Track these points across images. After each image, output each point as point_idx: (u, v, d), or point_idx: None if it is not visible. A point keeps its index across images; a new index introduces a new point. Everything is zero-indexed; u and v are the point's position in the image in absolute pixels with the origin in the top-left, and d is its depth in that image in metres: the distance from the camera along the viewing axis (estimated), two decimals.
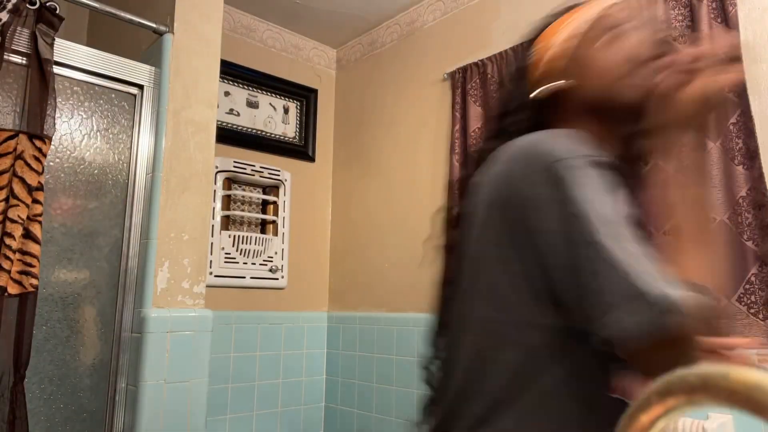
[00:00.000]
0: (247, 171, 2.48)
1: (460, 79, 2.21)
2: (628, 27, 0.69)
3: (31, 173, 1.36)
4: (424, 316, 2.45)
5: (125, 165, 1.63)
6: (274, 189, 2.62)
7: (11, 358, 1.31)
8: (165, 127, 1.64)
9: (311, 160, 2.80)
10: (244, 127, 2.58)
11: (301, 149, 2.76)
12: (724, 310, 0.56)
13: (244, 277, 2.44)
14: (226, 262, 2.38)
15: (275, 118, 2.70)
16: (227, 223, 2.45)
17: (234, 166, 2.44)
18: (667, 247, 0.59)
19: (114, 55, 1.62)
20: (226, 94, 2.53)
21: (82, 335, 1.51)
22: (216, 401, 2.27)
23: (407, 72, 2.56)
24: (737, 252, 1.41)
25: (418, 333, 2.27)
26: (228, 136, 2.45)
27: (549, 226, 0.58)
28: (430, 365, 0.80)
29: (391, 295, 2.43)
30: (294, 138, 2.76)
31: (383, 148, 2.62)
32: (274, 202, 2.59)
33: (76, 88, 1.56)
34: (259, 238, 2.48)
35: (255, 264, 2.48)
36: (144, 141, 1.65)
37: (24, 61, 1.43)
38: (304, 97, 2.81)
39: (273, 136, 2.67)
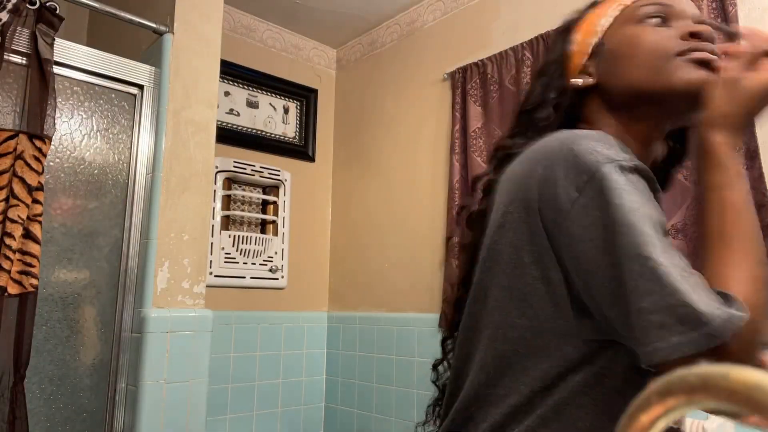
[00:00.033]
0: (247, 171, 2.48)
1: (460, 79, 2.21)
2: (663, 15, 0.66)
3: (31, 173, 1.36)
4: (424, 316, 2.45)
5: (125, 165, 1.63)
6: (274, 189, 2.62)
7: (11, 358, 1.31)
8: (165, 127, 1.64)
9: (311, 160, 2.80)
10: (244, 127, 2.58)
11: (301, 149, 2.76)
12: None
13: (244, 277, 2.44)
14: (226, 262, 2.38)
15: (275, 118, 2.70)
16: (227, 223, 2.45)
17: (234, 166, 2.44)
18: (709, 256, 0.55)
19: (114, 55, 1.62)
20: (226, 94, 2.53)
21: (82, 335, 1.51)
22: (216, 401, 2.27)
23: (407, 72, 2.56)
24: None
25: (418, 333, 2.27)
26: (228, 136, 2.45)
27: (586, 234, 0.54)
28: (439, 365, 0.79)
29: (391, 295, 2.43)
30: (294, 138, 2.76)
31: (383, 148, 2.62)
32: (274, 202, 2.59)
33: (76, 88, 1.56)
34: (259, 238, 2.48)
35: (255, 264, 2.48)
36: (144, 141, 1.65)
37: (24, 61, 1.43)
38: (304, 97, 2.81)
39: (273, 136, 2.67)
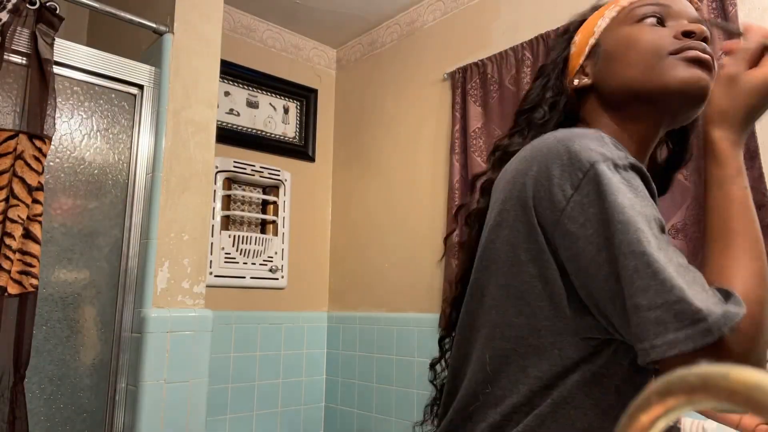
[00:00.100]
0: (247, 171, 2.48)
1: (460, 79, 2.21)
2: (659, 16, 0.67)
3: (31, 173, 1.36)
4: (424, 316, 2.45)
5: (125, 165, 1.63)
6: (274, 189, 2.62)
7: (11, 358, 1.31)
8: (165, 127, 1.64)
9: (311, 160, 2.80)
10: (244, 127, 2.58)
11: (301, 149, 2.76)
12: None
13: (244, 277, 2.44)
14: (226, 262, 2.38)
15: (275, 118, 2.70)
16: (227, 223, 2.45)
17: (234, 166, 2.44)
18: (711, 252, 0.55)
19: (114, 55, 1.62)
20: (226, 94, 2.53)
21: (82, 335, 1.51)
22: (216, 401, 2.27)
23: (407, 72, 2.56)
24: None
25: (418, 333, 2.27)
26: (228, 136, 2.45)
27: (582, 231, 0.54)
28: (437, 364, 0.79)
29: (391, 295, 2.43)
30: (294, 138, 2.76)
31: (383, 148, 2.62)
32: (274, 202, 2.59)
33: (76, 88, 1.56)
34: (259, 238, 2.48)
35: (255, 264, 2.48)
36: (144, 141, 1.65)
37: (24, 61, 1.43)
38: (304, 97, 2.81)
39: (273, 136, 2.67)
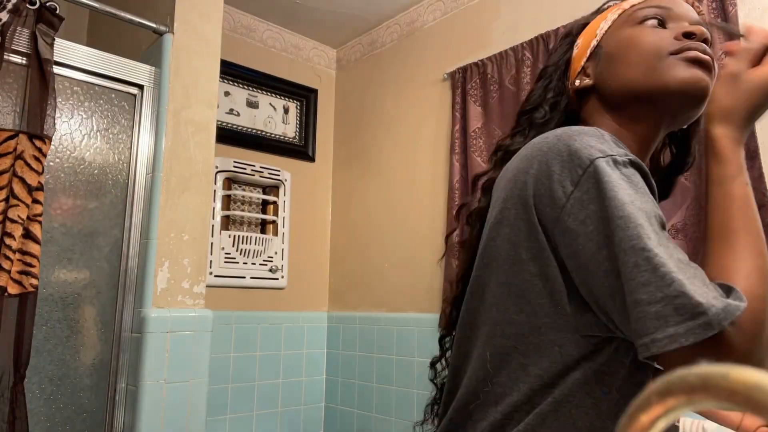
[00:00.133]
0: (247, 171, 2.48)
1: (460, 79, 2.21)
2: (661, 18, 0.68)
3: (31, 173, 1.36)
4: (424, 316, 2.45)
5: (125, 165, 1.63)
6: (274, 189, 2.62)
7: (11, 358, 1.31)
8: (165, 127, 1.64)
9: (311, 160, 2.80)
10: (244, 127, 2.58)
11: (301, 149, 2.76)
12: None
13: (244, 277, 2.44)
14: (226, 262, 2.38)
15: (275, 118, 2.70)
16: (227, 223, 2.45)
17: (234, 166, 2.44)
18: (713, 249, 0.55)
19: (114, 55, 1.62)
20: (226, 94, 2.53)
21: (82, 335, 1.51)
22: (216, 401, 2.27)
23: (407, 72, 2.56)
24: None
25: (418, 333, 2.27)
26: (228, 136, 2.45)
27: (582, 228, 0.54)
28: (437, 363, 0.79)
29: (391, 295, 2.43)
30: (294, 138, 2.76)
31: (383, 148, 2.62)
32: (274, 202, 2.59)
33: (76, 88, 1.56)
34: (259, 238, 2.48)
35: (255, 264, 2.48)
36: (144, 141, 1.65)
37: (24, 61, 1.43)
38: (304, 97, 2.81)
39: (273, 136, 2.67)
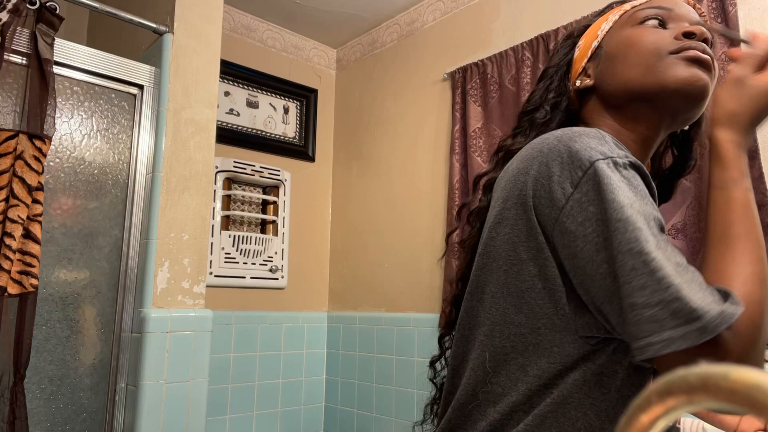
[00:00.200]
0: (247, 171, 2.48)
1: (460, 79, 2.21)
2: (661, 18, 0.68)
3: (31, 173, 1.36)
4: (424, 315, 2.45)
5: (125, 165, 1.63)
6: (274, 189, 2.62)
7: (11, 358, 1.31)
8: (165, 127, 1.64)
9: (311, 160, 2.80)
10: (244, 127, 2.58)
11: (301, 149, 2.76)
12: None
13: (244, 277, 2.44)
14: (226, 262, 2.38)
15: (275, 118, 2.70)
16: (227, 223, 2.45)
17: (234, 166, 2.44)
18: (712, 254, 0.55)
19: (114, 55, 1.62)
20: (226, 94, 2.53)
21: (82, 335, 1.51)
22: (216, 401, 2.27)
23: (407, 72, 2.56)
24: None
25: (418, 333, 2.27)
26: (228, 136, 2.45)
27: (581, 229, 0.54)
28: (437, 362, 0.79)
29: (391, 295, 2.43)
30: (294, 138, 2.76)
31: (383, 148, 2.62)
32: (274, 202, 2.59)
33: (76, 88, 1.56)
34: (259, 238, 2.48)
35: (255, 264, 2.48)
36: (144, 141, 1.65)
37: (24, 61, 1.43)
38: (304, 97, 2.81)
39: (273, 136, 2.67)
